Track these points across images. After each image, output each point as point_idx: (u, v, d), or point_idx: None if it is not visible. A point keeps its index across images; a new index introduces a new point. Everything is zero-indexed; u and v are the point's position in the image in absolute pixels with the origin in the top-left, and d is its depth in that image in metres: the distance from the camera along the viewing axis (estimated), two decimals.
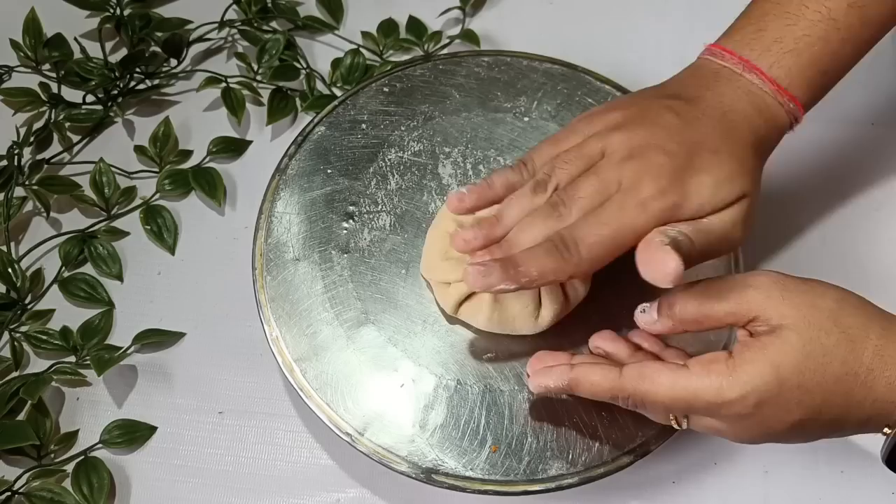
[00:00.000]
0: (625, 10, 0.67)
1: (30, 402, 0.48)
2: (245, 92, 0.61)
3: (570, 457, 0.43)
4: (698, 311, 0.37)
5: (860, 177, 0.59)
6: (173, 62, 0.63)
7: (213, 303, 0.54)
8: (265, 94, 0.61)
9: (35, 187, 0.56)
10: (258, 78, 0.62)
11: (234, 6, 0.65)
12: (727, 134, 0.40)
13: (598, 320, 0.45)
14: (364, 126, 0.53)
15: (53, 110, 0.60)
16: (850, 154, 0.60)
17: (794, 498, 0.49)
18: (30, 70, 0.63)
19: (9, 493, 0.47)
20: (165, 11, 0.65)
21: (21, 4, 0.63)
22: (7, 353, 0.51)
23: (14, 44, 0.62)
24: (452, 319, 0.46)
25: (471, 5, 0.65)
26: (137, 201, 0.58)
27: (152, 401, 0.51)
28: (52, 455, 0.49)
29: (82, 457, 0.49)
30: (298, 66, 0.62)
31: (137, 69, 0.62)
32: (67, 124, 0.59)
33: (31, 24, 0.62)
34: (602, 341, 0.42)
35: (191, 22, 0.64)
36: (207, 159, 0.59)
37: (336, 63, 0.62)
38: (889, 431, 0.36)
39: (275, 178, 0.51)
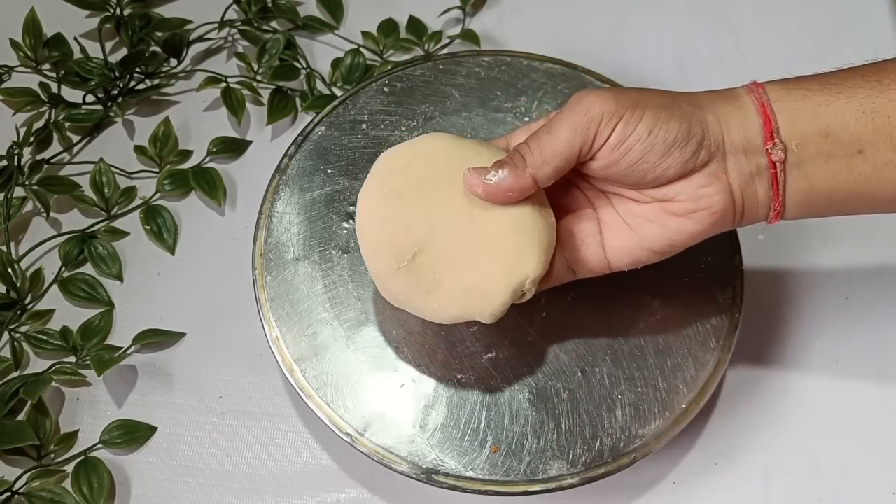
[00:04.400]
0: (625, 10, 0.67)
1: (30, 402, 0.48)
2: (245, 92, 0.61)
3: (570, 457, 0.43)
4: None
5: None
6: (173, 62, 0.63)
7: (213, 303, 0.54)
8: (265, 94, 0.61)
9: (35, 187, 0.56)
10: (258, 78, 0.62)
11: (234, 6, 0.65)
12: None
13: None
14: (364, 126, 0.53)
15: (53, 110, 0.60)
16: None
17: (794, 498, 0.49)
18: (30, 70, 0.63)
19: (9, 494, 0.47)
20: (165, 11, 0.65)
21: (21, 4, 0.63)
22: (7, 353, 0.51)
23: (14, 44, 0.62)
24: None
25: (471, 5, 0.65)
26: (137, 201, 0.58)
27: (152, 401, 0.51)
28: (52, 455, 0.49)
29: (82, 457, 0.49)
30: (298, 66, 0.62)
31: (137, 69, 0.62)
32: (67, 124, 0.59)
33: (31, 24, 0.62)
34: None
35: (191, 22, 0.64)
36: (207, 159, 0.59)
37: (336, 63, 0.62)
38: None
39: (275, 178, 0.51)
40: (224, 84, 0.61)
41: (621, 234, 0.40)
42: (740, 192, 0.38)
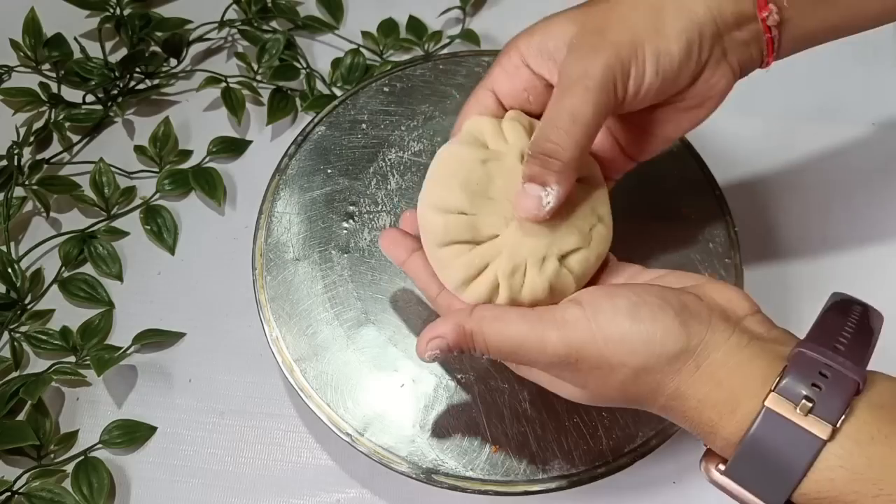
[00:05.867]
0: None
1: (30, 402, 0.48)
2: (245, 92, 0.61)
3: (570, 457, 0.43)
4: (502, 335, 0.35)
5: (860, 177, 0.59)
6: (173, 62, 0.63)
7: (213, 303, 0.54)
8: (265, 94, 0.61)
9: (35, 187, 0.56)
10: (258, 78, 0.62)
11: (234, 6, 0.65)
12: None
13: None
14: (364, 126, 0.53)
15: (53, 110, 0.60)
16: (850, 154, 0.60)
17: None
18: (30, 70, 0.63)
19: (9, 494, 0.47)
20: (165, 11, 0.65)
21: (21, 4, 0.63)
22: (7, 353, 0.51)
23: (14, 44, 0.62)
24: None
25: (471, 5, 0.65)
26: (137, 201, 0.58)
27: (152, 401, 0.51)
28: (52, 455, 0.49)
29: (82, 457, 0.49)
30: (298, 65, 0.62)
31: (137, 69, 0.62)
32: (67, 124, 0.59)
33: (31, 24, 0.62)
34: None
35: (191, 22, 0.64)
36: (207, 159, 0.59)
37: (336, 63, 0.62)
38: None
39: (275, 178, 0.51)
40: (224, 84, 0.61)
41: (636, 137, 0.41)
42: (738, 62, 0.39)
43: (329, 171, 0.51)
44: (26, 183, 0.57)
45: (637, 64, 0.36)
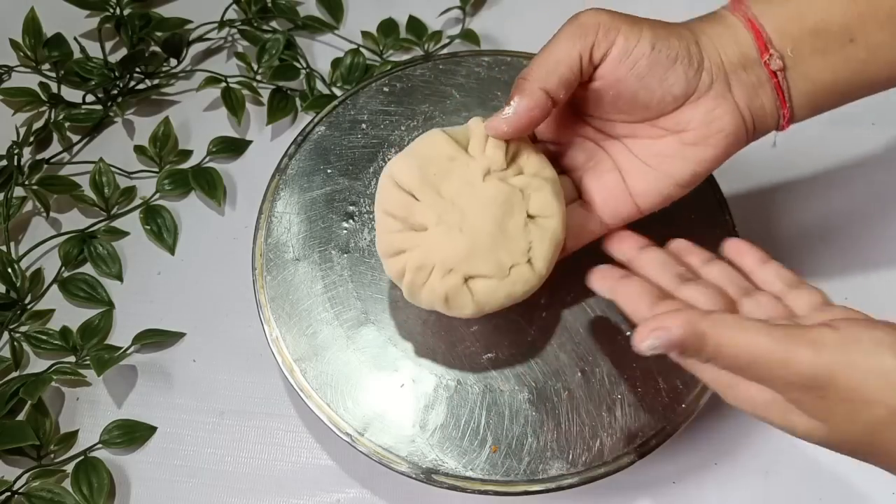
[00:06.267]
0: (625, 11, 0.67)
1: (30, 402, 0.48)
2: (245, 92, 0.61)
3: (570, 457, 0.43)
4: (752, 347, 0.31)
5: (860, 177, 0.59)
6: (173, 62, 0.63)
7: (213, 303, 0.54)
8: (265, 94, 0.61)
9: (35, 187, 0.56)
10: (258, 78, 0.62)
11: (234, 6, 0.65)
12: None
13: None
14: (364, 126, 0.53)
15: (53, 110, 0.60)
16: (850, 154, 0.60)
17: (794, 498, 0.49)
18: (30, 70, 0.63)
19: (9, 494, 0.47)
20: (165, 11, 0.65)
21: (21, 4, 0.63)
22: (7, 353, 0.51)
23: (14, 44, 0.62)
24: (452, 319, 0.46)
25: (471, 5, 0.65)
26: (137, 201, 0.58)
27: (152, 401, 0.51)
28: (52, 455, 0.49)
29: (82, 457, 0.49)
30: (298, 65, 0.62)
31: (137, 69, 0.62)
32: (67, 124, 0.59)
33: (31, 24, 0.62)
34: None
35: (191, 22, 0.64)
36: (207, 159, 0.59)
37: (336, 63, 0.62)
38: None
39: (275, 178, 0.51)
40: (224, 84, 0.61)
41: (645, 175, 0.41)
42: (747, 107, 0.39)
43: (329, 171, 0.51)
44: (26, 183, 0.57)
45: (632, 30, 0.38)
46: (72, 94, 0.61)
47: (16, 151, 0.57)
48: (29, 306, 0.54)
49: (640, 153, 0.41)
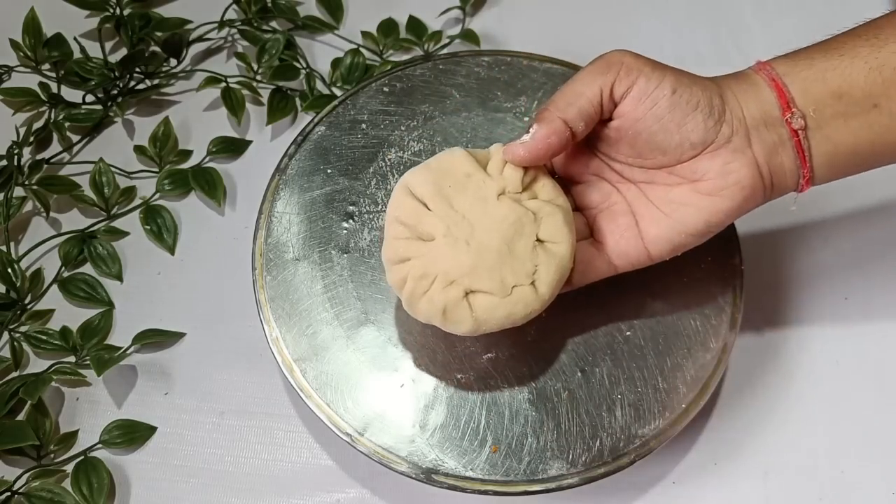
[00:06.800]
0: (625, 11, 0.67)
1: (30, 402, 0.48)
2: (245, 92, 0.61)
3: (570, 457, 0.43)
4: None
5: (860, 177, 0.59)
6: (173, 62, 0.63)
7: (213, 303, 0.54)
8: (265, 94, 0.61)
9: (35, 187, 0.56)
10: (258, 78, 0.62)
11: (234, 6, 0.65)
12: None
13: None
14: (364, 126, 0.53)
15: (53, 110, 0.60)
16: None
17: (794, 498, 0.49)
18: (29, 70, 0.63)
19: (9, 494, 0.47)
20: (165, 11, 0.65)
21: (21, 4, 0.63)
22: (7, 353, 0.51)
23: (14, 44, 0.62)
24: None
25: (471, 5, 0.65)
26: (137, 201, 0.58)
27: (152, 401, 0.51)
28: (52, 455, 0.49)
29: (82, 457, 0.49)
30: (298, 65, 0.62)
31: (137, 69, 0.62)
32: (67, 124, 0.59)
33: (31, 24, 0.62)
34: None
35: (191, 22, 0.64)
36: (207, 159, 0.59)
37: (336, 63, 0.62)
38: None
39: (275, 178, 0.51)
40: (224, 84, 0.61)
41: (658, 222, 0.41)
42: (766, 164, 0.39)
43: (329, 171, 0.51)
44: (26, 183, 0.57)
45: (654, 73, 0.39)
46: (72, 94, 0.61)
47: (16, 151, 0.57)
48: (29, 306, 0.54)
49: (656, 199, 0.41)
